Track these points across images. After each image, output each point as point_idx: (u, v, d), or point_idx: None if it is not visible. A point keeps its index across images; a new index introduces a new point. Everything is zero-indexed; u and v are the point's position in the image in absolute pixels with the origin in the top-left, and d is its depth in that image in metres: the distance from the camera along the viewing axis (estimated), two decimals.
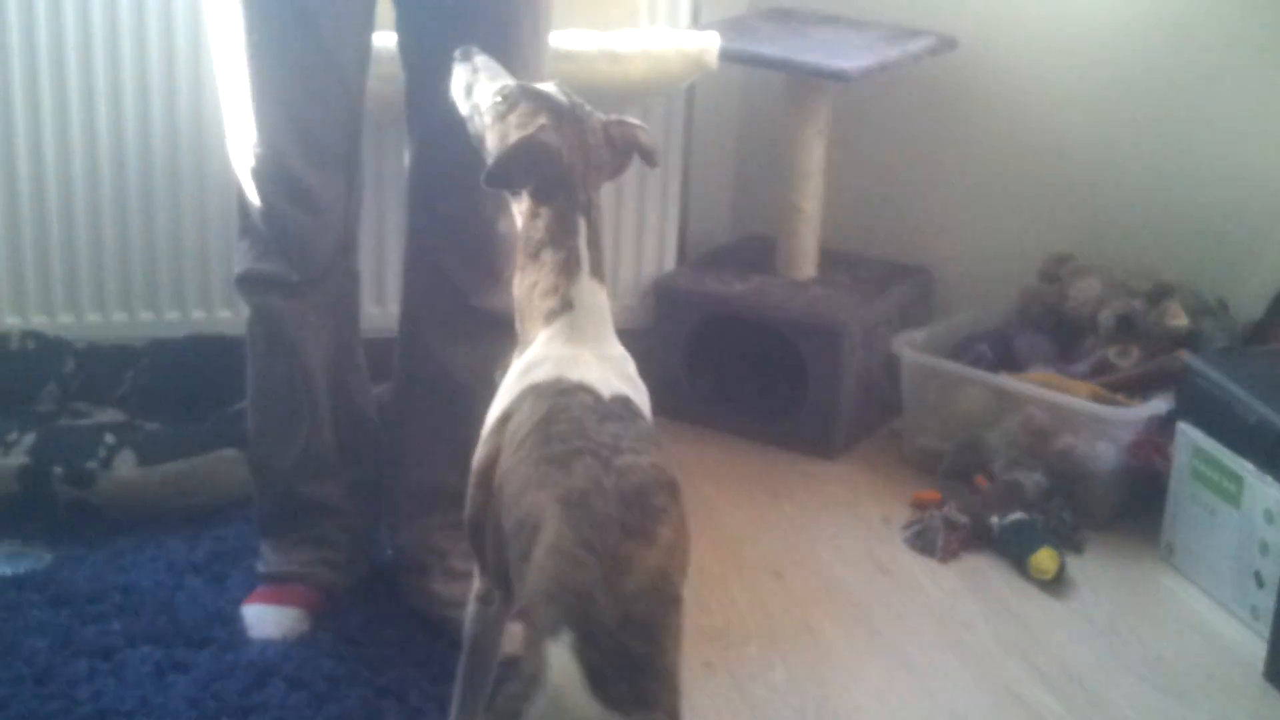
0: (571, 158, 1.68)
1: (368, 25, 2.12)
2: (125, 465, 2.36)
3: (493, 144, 1.75)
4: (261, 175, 2.07)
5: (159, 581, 2.22)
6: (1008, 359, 2.79)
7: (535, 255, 1.70)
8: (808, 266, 2.95)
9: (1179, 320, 2.67)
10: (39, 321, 2.70)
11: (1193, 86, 2.78)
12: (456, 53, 1.84)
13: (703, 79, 2.75)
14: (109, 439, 2.38)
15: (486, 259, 2.13)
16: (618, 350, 1.70)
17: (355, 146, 2.14)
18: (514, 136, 1.69)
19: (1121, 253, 2.86)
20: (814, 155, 2.89)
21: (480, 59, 1.82)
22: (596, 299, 1.69)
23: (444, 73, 2.04)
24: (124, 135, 2.66)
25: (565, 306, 1.67)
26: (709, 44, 2.65)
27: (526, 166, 1.68)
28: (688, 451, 2.82)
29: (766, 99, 3.01)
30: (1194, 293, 2.75)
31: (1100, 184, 2.89)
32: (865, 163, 3.08)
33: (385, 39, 2.17)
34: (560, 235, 1.68)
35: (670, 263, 3.01)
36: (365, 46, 2.12)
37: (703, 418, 2.91)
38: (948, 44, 2.89)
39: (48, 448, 2.34)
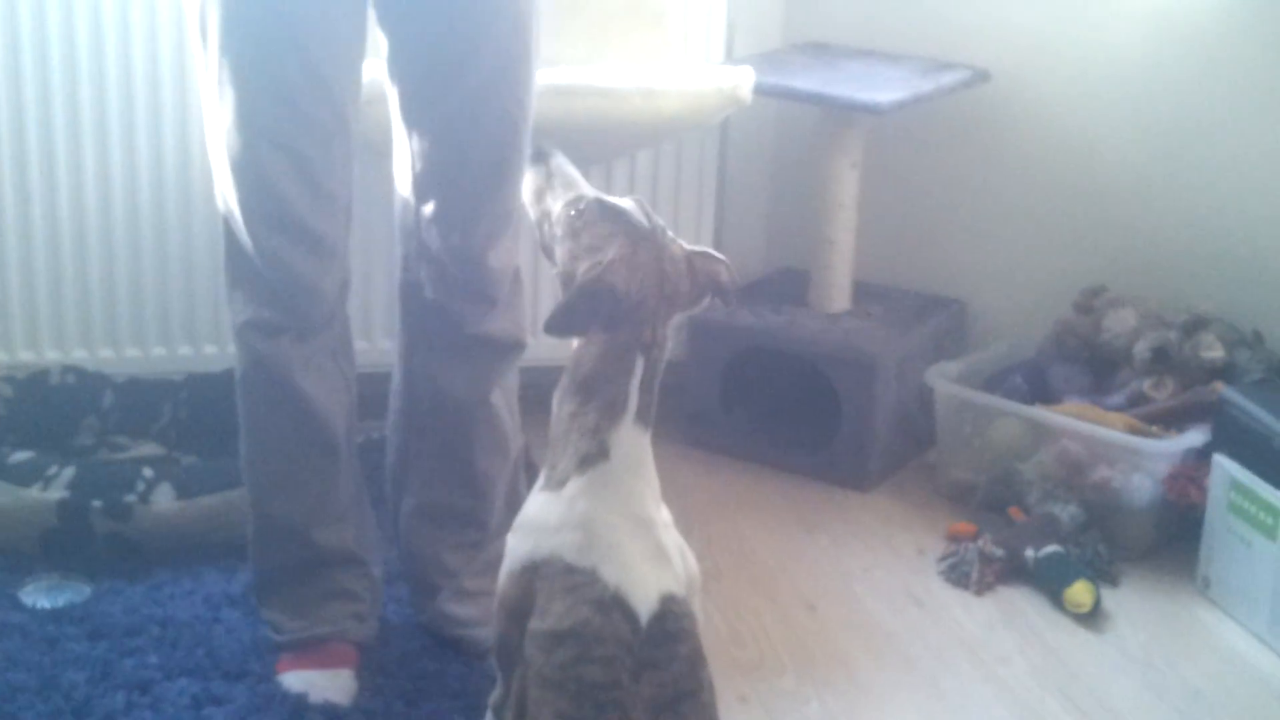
0: (643, 292, 1.58)
1: (360, 55, 2.07)
2: (163, 499, 2.37)
3: (561, 259, 1.65)
4: (263, 219, 2.01)
5: (196, 615, 2.23)
6: (1042, 391, 2.78)
7: (582, 386, 1.61)
8: (841, 299, 2.96)
9: (1214, 352, 2.66)
10: (79, 356, 2.73)
11: (1227, 118, 2.77)
12: (531, 153, 1.75)
13: (737, 112, 2.76)
14: (147, 473, 2.40)
15: (480, 290, 2.10)
16: (651, 509, 1.62)
17: (351, 187, 2.09)
18: (584, 263, 1.60)
19: (1156, 284, 2.85)
20: (847, 188, 2.90)
21: (556, 162, 1.73)
22: (637, 448, 1.61)
23: (438, 100, 2.05)
24: (163, 170, 2.69)
25: (601, 454, 1.59)
26: (744, 79, 2.67)
27: (592, 312, 1.58)
28: (721, 484, 2.83)
29: (800, 132, 3.02)
30: (1229, 324, 2.74)
31: (1134, 215, 2.89)
32: (899, 195, 3.09)
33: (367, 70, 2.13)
34: (613, 372, 1.59)
35: None
36: (358, 78, 2.07)
37: (737, 450, 2.91)
38: (981, 76, 2.90)
39: (86, 482, 2.36)
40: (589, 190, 1.70)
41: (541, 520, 1.63)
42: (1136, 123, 2.86)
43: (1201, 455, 2.53)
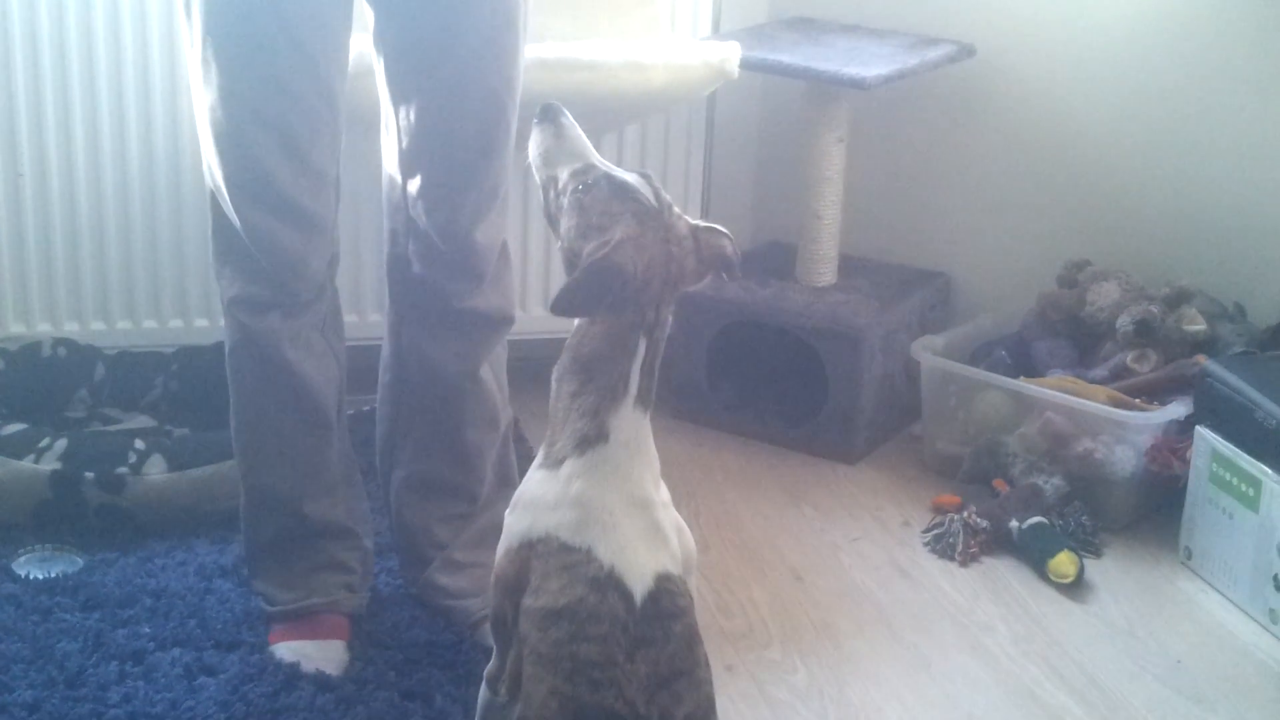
0: (649, 274, 1.57)
1: (347, 32, 2.06)
2: (155, 470, 2.39)
3: (566, 234, 1.63)
4: (250, 196, 2.01)
5: (188, 585, 2.25)
6: (1026, 364, 2.81)
7: (584, 366, 1.60)
8: (827, 272, 2.98)
9: (1197, 325, 2.68)
10: (70, 329, 2.74)
11: (1211, 92, 2.79)
12: (538, 109, 1.73)
13: (724, 87, 2.78)
14: (139, 444, 2.41)
15: (467, 266, 2.11)
16: (650, 489, 1.62)
17: (338, 163, 2.09)
18: (590, 242, 1.57)
19: (1139, 258, 2.87)
20: (833, 162, 2.91)
21: (565, 120, 1.68)
22: (637, 430, 1.60)
23: (424, 75, 2.05)
24: (154, 144, 2.70)
25: (600, 436, 1.58)
26: (730, 53, 2.68)
27: (599, 293, 1.55)
28: (709, 456, 2.85)
29: (786, 106, 3.03)
30: (1212, 298, 2.76)
31: (1118, 190, 2.91)
32: (884, 169, 3.11)
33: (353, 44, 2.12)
34: (615, 354, 1.58)
35: None
36: (345, 55, 2.06)
37: (723, 422, 2.94)
38: (966, 52, 2.91)
39: (79, 453, 2.38)
40: (598, 160, 1.67)
41: (539, 498, 1.64)
42: (1121, 98, 2.88)
43: (1184, 427, 2.56)
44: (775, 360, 2.98)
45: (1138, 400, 2.63)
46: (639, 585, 1.58)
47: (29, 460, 2.36)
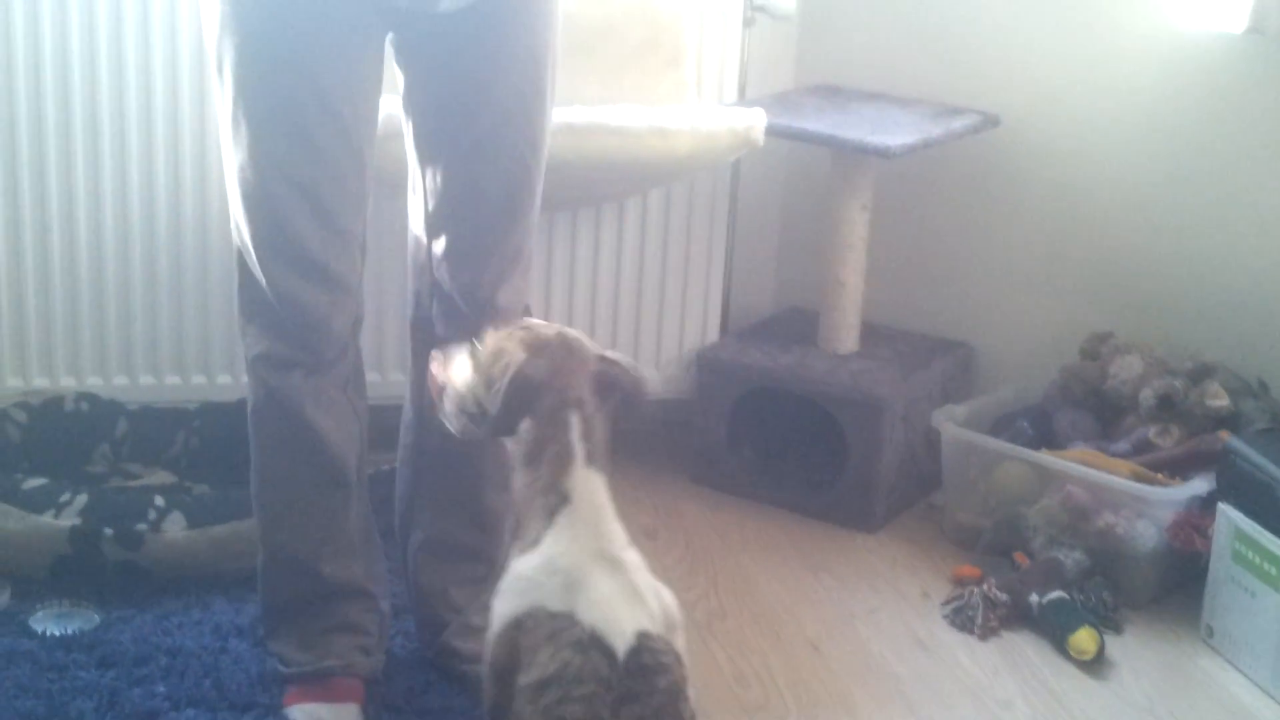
0: (555, 366, 1.72)
1: (377, 94, 2.08)
2: (174, 528, 2.39)
3: (482, 387, 1.77)
4: (277, 255, 2.03)
5: (204, 644, 2.24)
6: (1048, 436, 2.80)
7: (529, 457, 1.72)
8: (849, 340, 2.98)
9: (1220, 400, 2.67)
10: (94, 383, 2.75)
11: (1236, 166, 2.79)
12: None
13: (749, 152, 2.79)
14: (159, 501, 2.42)
15: (489, 327, 2.14)
16: (620, 549, 1.69)
17: (364, 224, 2.11)
18: (498, 373, 1.73)
19: (1162, 331, 2.87)
20: (857, 229, 2.92)
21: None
22: (594, 489, 1.70)
23: (452, 139, 2.06)
24: (181, 200, 2.72)
25: (563, 500, 1.69)
26: (756, 121, 2.69)
27: (522, 404, 1.71)
28: (728, 523, 2.84)
29: (811, 172, 3.04)
30: (1234, 373, 2.75)
31: (1142, 262, 2.91)
32: (908, 237, 3.11)
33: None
34: (552, 433, 1.70)
35: (713, 334, 3.04)
36: (374, 117, 2.09)
37: (743, 489, 2.93)
38: (990, 121, 2.92)
39: (99, 509, 2.38)
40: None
41: (520, 576, 1.70)
42: (1146, 170, 2.88)
43: (1206, 503, 2.55)
44: (795, 427, 2.97)
45: (1160, 475, 2.62)
46: (620, 642, 1.62)
47: (49, 515, 2.36)
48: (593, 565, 1.66)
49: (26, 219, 2.67)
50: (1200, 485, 2.57)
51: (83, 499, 2.38)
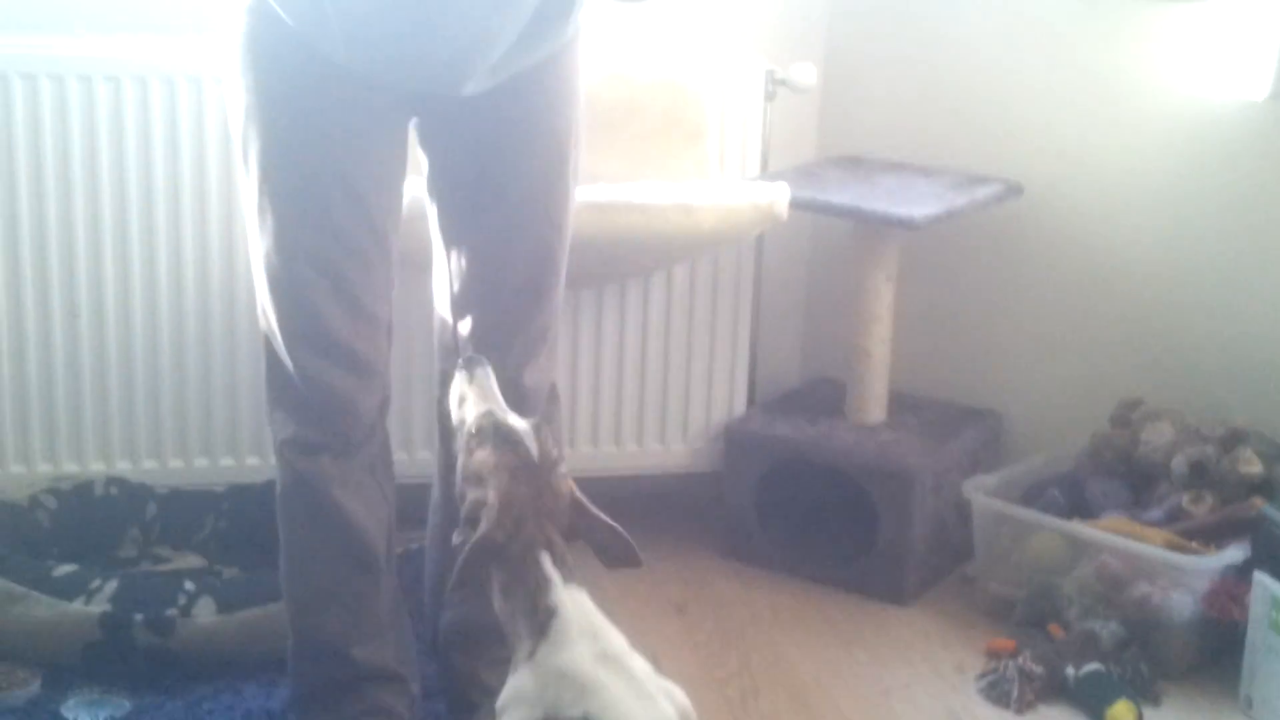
0: (521, 519, 1.69)
1: (401, 178, 2.10)
2: (205, 613, 2.39)
3: (459, 470, 1.78)
4: (304, 340, 2.04)
5: None
6: (1080, 504, 2.78)
7: (506, 591, 1.71)
8: (877, 410, 2.97)
9: (1252, 467, 2.65)
10: (123, 467, 2.76)
11: (1261, 230, 2.79)
12: (460, 360, 1.87)
13: (773, 226, 2.79)
14: (189, 586, 2.41)
15: (515, 408, 2.11)
16: (621, 646, 1.68)
17: (390, 307, 2.12)
18: (470, 491, 1.73)
19: (1193, 396, 2.85)
20: (882, 299, 2.92)
21: (480, 371, 1.84)
22: (580, 600, 1.69)
23: (476, 220, 2.07)
24: (209, 284, 2.73)
25: (550, 614, 1.67)
26: (779, 196, 2.70)
27: (485, 564, 1.70)
28: (758, 597, 2.82)
29: (835, 243, 3.05)
30: (1267, 438, 2.73)
31: (1171, 327, 2.89)
32: (934, 306, 3.11)
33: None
34: (524, 572, 1.69)
35: (740, 406, 3.03)
36: (399, 201, 2.10)
37: (773, 562, 2.91)
38: (1014, 189, 2.92)
39: (129, 595, 2.38)
40: (499, 408, 1.80)
41: (522, 690, 1.68)
42: (1170, 234, 2.87)
43: (1242, 572, 2.52)
44: (825, 499, 2.96)
45: (1194, 543, 2.60)
46: None
47: (79, 601, 2.36)
48: (599, 668, 1.64)
49: (55, 304, 2.68)
50: (1235, 553, 2.54)
51: (113, 585, 2.38)
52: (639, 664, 1.69)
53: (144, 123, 2.64)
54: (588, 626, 1.67)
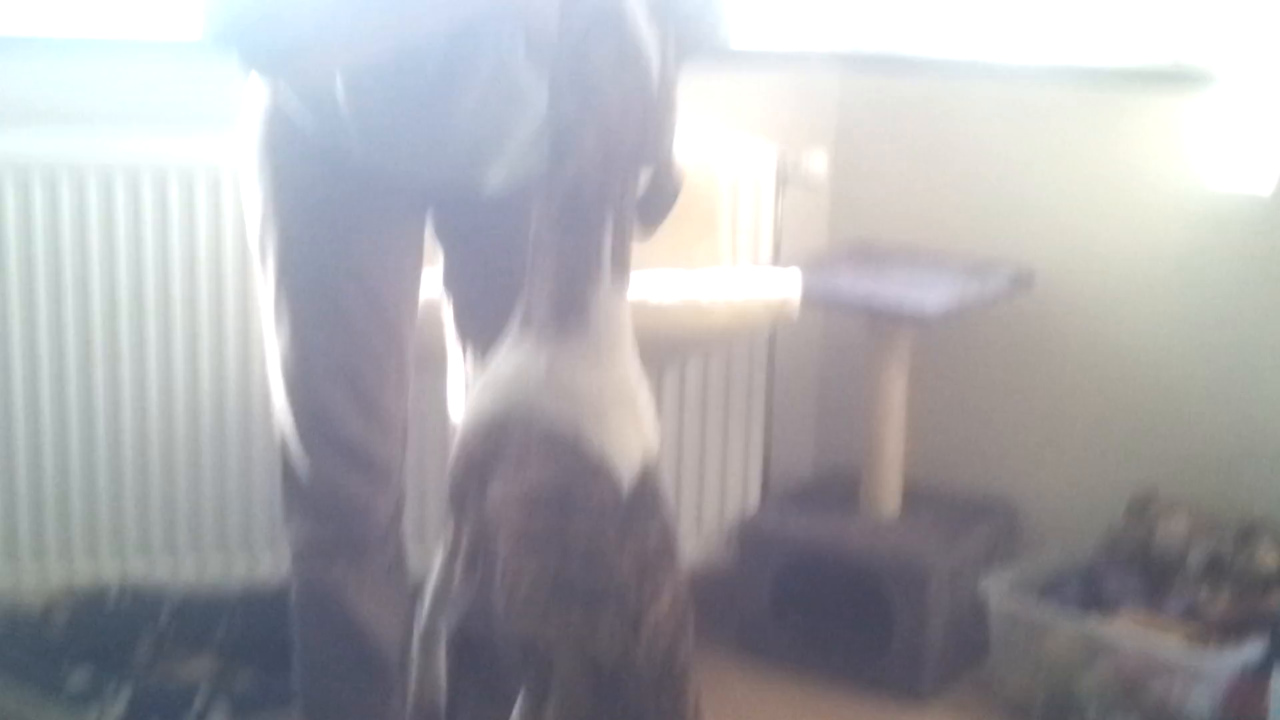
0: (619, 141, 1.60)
1: (417, 280, 2.11)
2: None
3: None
4: (319, 441, 2.04)
5: None
6: (1097, 598, 2.76)
7: (561, 226, 1.62)
8: (891, 503, 2.96)
9: (1269, 561, 2.64)
10: (137, 566, 2.75)
11: (1270, 322, 2.78)
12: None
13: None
14: (203, 691, 2.40)
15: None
16: (635, 382, 1.64)
17: (406, 408, 2.12)
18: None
19: (1208, 488, 2.84)
20: (895, 392, 2.91)
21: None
22: (616, 313, 1.65)
23: (490, 317, 2.08)
24: (225, 386, 2.74)
25: (581, 319, 1.62)
26: (791, 293, 2.70)
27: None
28: (775, 694, 2.80)
29: (847, 335, 3.05)
30: None
31: (1184, 419, 2.89)
32: (946, 397, 3.11)
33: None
34: (590, 219, 1.62)
35: (754, 499, 3.02)
36: (415, 302, 2.11)
37: (789, 659, 2.89)
38: (1025, 279, 2.93)
39: (143, 704, 2.38)
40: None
41: (516, 380, 1.64)
42: (1181, 326, 2.87)
43: (1261, 668, 2.50)
44: (841, 594, 2.94)
45: (1212, 639, 2.57)
46: (628, 473, 1.58)
47: (94, 713, 2.35)
48: (602, 394, 1.60)
49: (72, 405, 2.69)
50: (1254, 649, 2.52)
51: (127, 693, 2.38)
52: (645, 394, 1.67)
53: (162, 224, 2.65)
54: (609, 353, 1.63)
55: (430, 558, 2.67)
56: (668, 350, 2.76)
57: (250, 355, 2.71)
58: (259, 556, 2.82)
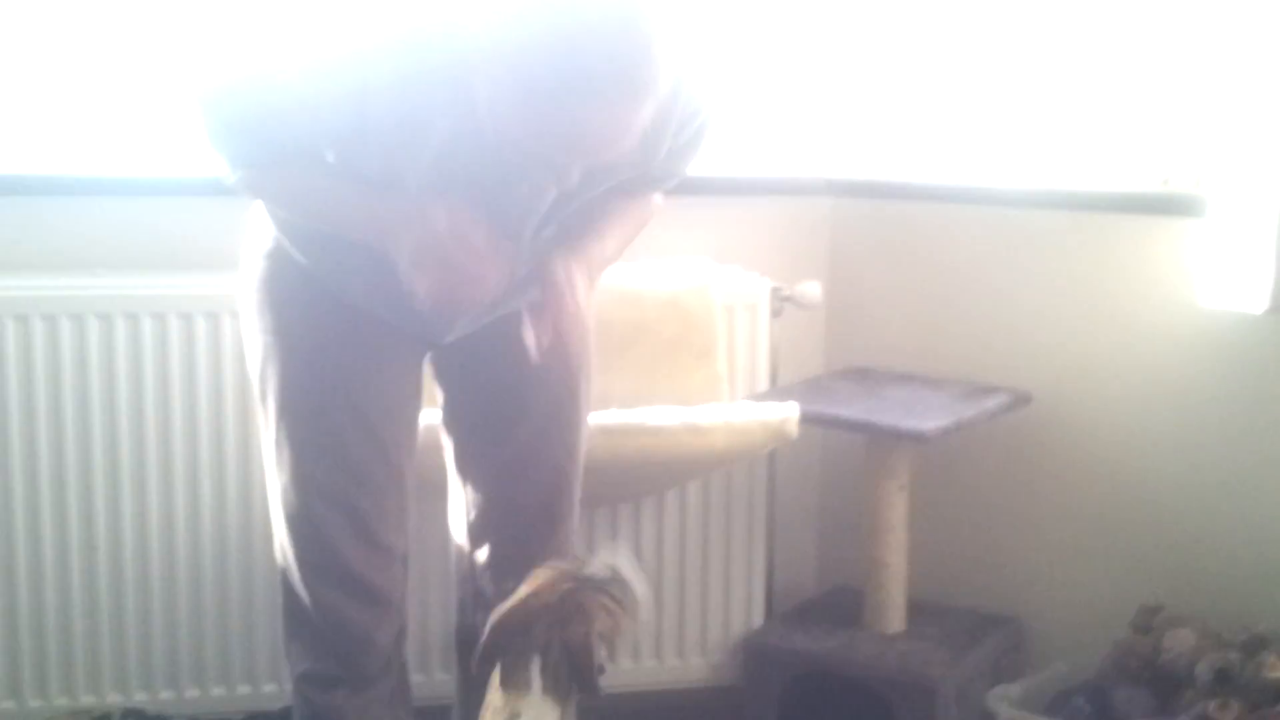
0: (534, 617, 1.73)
1: (416, 415, 2.13)
2: None
3: None
4: (320, 574, 2.06)
5: None
6: (1106, 713, 2.74)
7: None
8: (896, 619, 2.95)
9: (1277, 672, 2.62)
10: (140, 698, 2.74)
11: (1268, 436, 2.79)
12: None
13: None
14: None
15: None
16: None
17: (406, 539, 2.14)
18: None
19: (1213, 601, 2.83)
20: (896, 510, 2.92)
21: None
22: (545, 713, 1.68)
23: (491, 451, 2.09)
24: (226, 516, 2.75)
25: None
26: (789, 414, 2.73)
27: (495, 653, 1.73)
28: None
29: (847, 454, 3.06)
30: None
31: (1187, 532, 2.89)
32: (948, 514, 3.11)
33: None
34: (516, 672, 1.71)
35: (758, 618, 3.02)
36: (414, 437, 2.13)
37: None
38: (1022, 400, 2.95)
39: None
40: None
41: None
42: (1179, 442, 2.88)
43: None
44: (848, 711, 2.92)
45: None
46: None
47: None
48: None
49: (74, 537, 2.70)
50: None
51: None
52: None
53: (161, 359, 2.69)
54: None
55: (432, 686, 2.69)
56: (667, 474, 2.78)
57: (251, 487, 2.72)
58: (261, 687, 2.81)
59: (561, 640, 1.71)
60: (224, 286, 2.30)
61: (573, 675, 1.71)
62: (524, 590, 1.75)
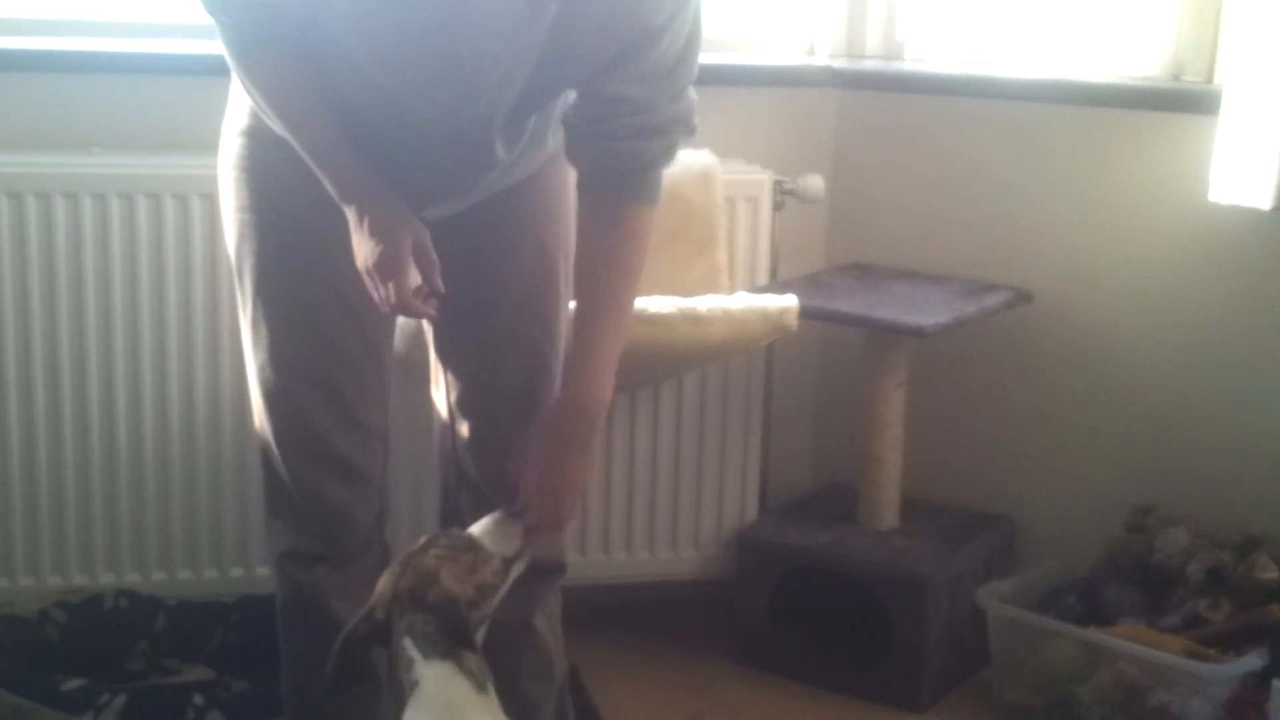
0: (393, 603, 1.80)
1: None
2: None
3: None
4: (299, 452, 2.06)
5: None
6: (1096, 610, 2.75)
7: (389, 676, 1.79)
8: (890, 516, 2.96)
9: (1269, 573, 2.63)
10: (133, 579, 2.75)
11: (1269, 336, 2.79)
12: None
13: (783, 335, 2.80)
14: (197, 700, 2.40)
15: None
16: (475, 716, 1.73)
17: (386, 418, 2.14)
18: None
19: (1207, 501, 2.83)
20: (893, 406, 2.92)
21: None
22: (442, 673, 1.73)
23: (469, 332, 2.08)
24: (220, 394, 2.75)
25: (413, 687, 1.73)
26: (788, 307, 2.71)
27: (360, 650, 1.83)
28: (771, 704, 2.80)
29: (845, 350, 3.05)
30: None
31: (1183, 432, 2.89)
32: (945, 412, 3.11)
33: None
34: (396, 653, 1.78)
35: (752, 512, 3.02)
36: (394, 320, 2.13)
37: (787, 670, 2.89)
38: (1023, 297, 2.93)
39: (137, 711, 2.37)
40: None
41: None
42: (1180, 341, 2.88)
43: (1261, 679, 2.49)
44: (839, 605, 2.94)
45: (1212, 650, 2.57)
46: None
47: (88, 717, 2.34)
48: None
49: (66, 419, 2.70)
50: (1254, 660, 2.52)
51: (121, 700, 2.37)
52: None
53: (156, 239, 2.67)
54: (444, 699, 1.71)
55: None
56: (664, 364, 2.77)
57: (244, 369, 2.70)
58: (254, 569, 2.82)
59: (421, 610, 1.76)
60: (198, 167, 2.27)
61: (447, 634, 1.75)
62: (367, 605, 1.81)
